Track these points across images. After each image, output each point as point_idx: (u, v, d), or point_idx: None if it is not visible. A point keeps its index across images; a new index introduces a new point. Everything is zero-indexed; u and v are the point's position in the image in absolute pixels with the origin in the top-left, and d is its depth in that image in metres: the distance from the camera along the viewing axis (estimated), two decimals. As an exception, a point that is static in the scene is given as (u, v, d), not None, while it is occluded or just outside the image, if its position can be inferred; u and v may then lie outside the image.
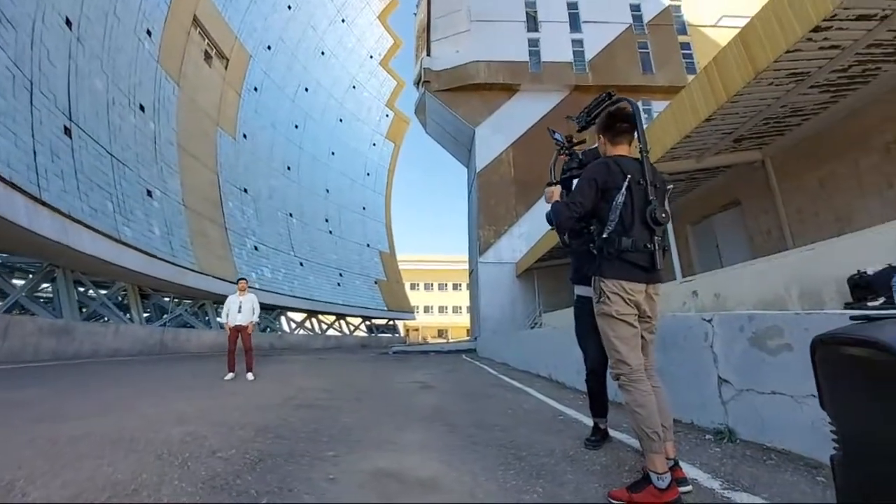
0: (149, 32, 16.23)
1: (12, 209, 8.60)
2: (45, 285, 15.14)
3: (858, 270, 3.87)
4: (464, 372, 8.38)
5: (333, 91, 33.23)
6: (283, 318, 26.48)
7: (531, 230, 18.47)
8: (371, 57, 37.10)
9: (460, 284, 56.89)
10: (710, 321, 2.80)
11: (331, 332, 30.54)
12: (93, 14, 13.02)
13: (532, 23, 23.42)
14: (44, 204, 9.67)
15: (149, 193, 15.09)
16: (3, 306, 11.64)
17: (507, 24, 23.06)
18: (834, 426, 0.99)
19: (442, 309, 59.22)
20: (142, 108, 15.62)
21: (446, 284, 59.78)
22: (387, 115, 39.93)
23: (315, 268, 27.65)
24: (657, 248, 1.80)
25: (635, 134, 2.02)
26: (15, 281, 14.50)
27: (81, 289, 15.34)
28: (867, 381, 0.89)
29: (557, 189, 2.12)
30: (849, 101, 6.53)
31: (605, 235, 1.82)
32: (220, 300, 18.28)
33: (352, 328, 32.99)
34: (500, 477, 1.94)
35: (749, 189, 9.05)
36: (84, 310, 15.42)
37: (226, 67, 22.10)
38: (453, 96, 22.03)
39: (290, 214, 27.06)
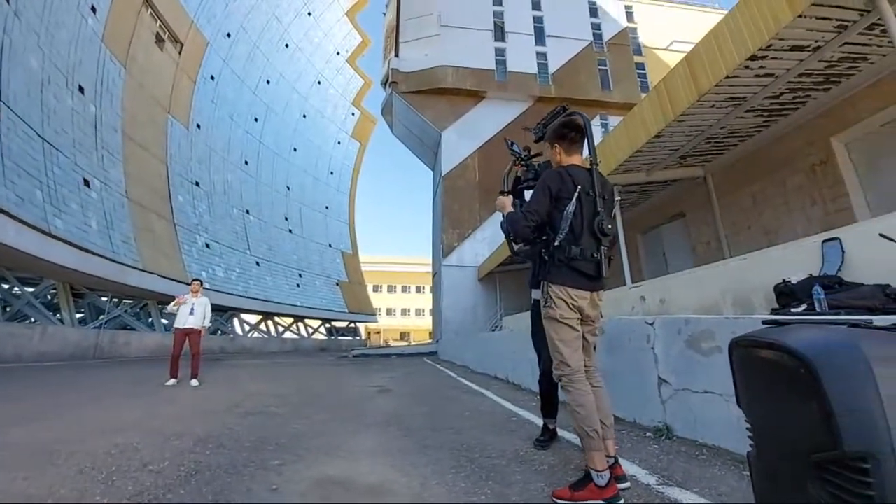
0: (93, 9, 14.98)
1: (-84, 194, 7.61)
2: (-44, 281, 13.48)
3: (784, 279, 4.25)
4: (423, 375, 8.34)
5: (297, 85, 32.20)
6: (235, 320, 25.21)
7: (494, 235, 18.79)
8: (338, 53, 36.35)
9: (424, 287, 56.76)
10: (652, 324, 2.97)
11: (288, 334, 29.42)
12: (30, -16, 11.86)
13: (499, 33, 23.96)
14: (-43, 190, 8.64)
15: (86, 183, 13.86)
16: None
17: (475, 33, 23.45)
18: (749, 423, 1.07)
19: (405, 311, 58.79)
20: (81, 89, 14.35)
21: (409, 287, 59.44)
22: (353, 114, 39.23)
23: (273, 268, 26.54)
24: (603, 257, 1.88)
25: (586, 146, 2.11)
26: (-82, 276, 12.82)
27: (6, 286, 13.82)
28: (773, 381, 0.97)
29: (509, 199, 2.17)
30: (780, 125, 7.20)
31: (556, 243, 1.87)
32: (165, 300, 17.09)
33: (311, 331, 31.95)
34: (451, 480, 1.94)
35: (693, 202, 9.72)
36: (7, 309, 13.92)
37: (180, 53, 20.80)
38: (421, 99, 22.05)
39: (247, 211, 25.85)
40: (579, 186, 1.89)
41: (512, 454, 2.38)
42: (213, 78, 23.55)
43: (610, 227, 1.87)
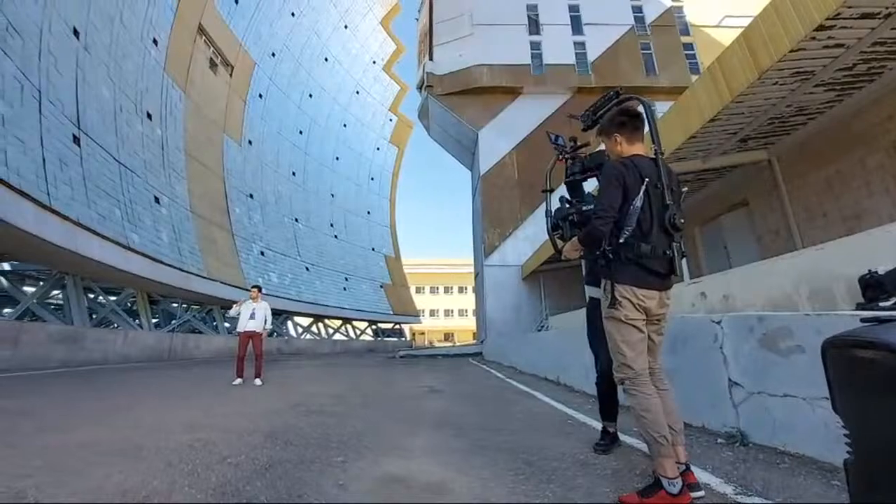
0: (155, 41, 16.47)
1: (21, 216, 8.74)
2: (55, 292, 15.31)
3: (869, 270, 3.81)
4: (471, 376, 8.35)
5: (338, 96, 33.48)
6: (289, 323, 26.58)
7: (536, 233, 18.42)
8: (374, 62, 37.36)
9: (466, 287, 56.86)
10: (719, 323, 2.77)
11: (337, 336, 30.60)
12: (99, 22, 13.23)
13: (534, 26, 23.48)
14: (52, 211, 9.81)
15: (156, 200, 15.26)
16: (13, 313, 11.81)
17: (509, 28, 23.14)
18: (847, 430, 0.98)
19: (448, 312, 59.19)
20: (149, 115, 15.83)
21: (452, 288, 59.78)
22: (390, 120, 40.14)
23: (321, 272, 27.76)
24: (676, 254, 1.77)
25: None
26: (26, 288, 14.69)
27: (91, 295, 15.52)
28: (877, 384, 0.88)
29: (574, 241, 2.07)
30: (854, 99, 6.47)
31: (621, 240, 1.78)
32: (227, 305, 18.40)
33: (358, 332, 33.05)
34: (510, 481, 1.93)
35: (757, 189, 8.97)
36: (94, 316, 15.58)
37: (231, 75, 22.36)
38: (456, 100, 22.11)
39: (296, 219, 27.22)
40: (647, 179, 1.78)
41: (572, 458, 2.32)
42: (261, 96, 25.06)
43: (682, 220, 1.76)
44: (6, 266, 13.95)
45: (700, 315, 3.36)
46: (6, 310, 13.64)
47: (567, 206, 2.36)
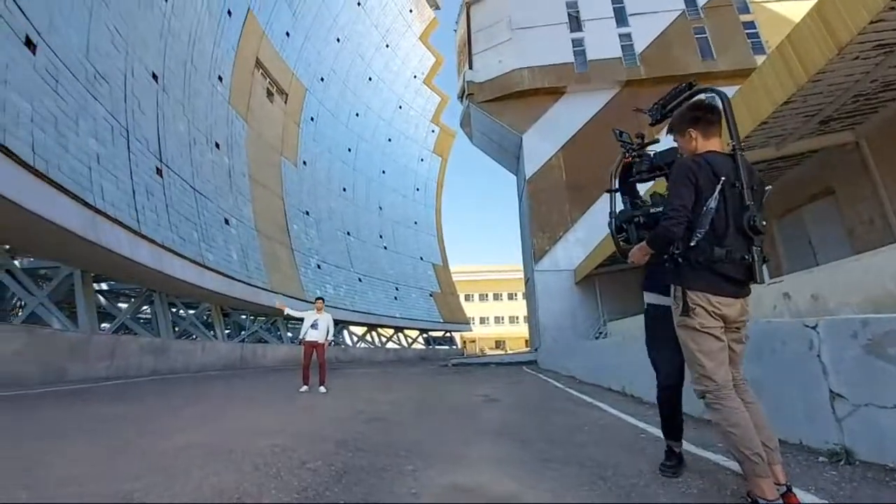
0: (220, 78, 18.16)
1: (117, 242, 9.93)
2: (144, 308, 17.19)
3: None
4: (527, 384, 8.17)
5: (382, 113, 34.78)
6: (345, 332, 27.69)
7: (588, 235, 17.75)
8: (415, 77, 38.41)
9: (516, 294, 55.94)
10: (814, 327, 2.49)
11: (390, 344, 31.36)
12: (173, 65, 14.85)
13: (575, 23, 22.94)
14: (142, 236, 11.07)
15: (226, 221, 16.69)
16: (111, 327, 13.40)
17: (548, 28, 22.80)
18: None
19: (498, 319, 58.50)
20: (217, 145, 17.42)
21: (501, 294, 59.09)
22: (433, 131, 40.92)
23: (373, 283, 28.71)
24: (756, 259, 1.63)
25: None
26: (121, 305, 16.64)
27: (174, 310, 17.22)
28: None
29: (642, 245, 1.95)
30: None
31: (692, 243, 1.67)
32: (289, 317, 19.55)
33: (410, 341, 33.64)
34: (585, 496, 1.86)
35: (843, 175, 8.01)
36: (177, 329, 17.23)
37: (285, 102, 24.06)
38: (498, 106, 22.08)
39: (348, 233, 28.46)
40: (722, 177, 1.66)
41: (650, 474, 2.18)
42: (312, 119, 26.68)
43: (764, 223, 1.62)
44: (104, 286, 15.92)
45: (788, 319, 3.04)
46: (104, 324, 15.55)
47: (632, 207, 2.25)
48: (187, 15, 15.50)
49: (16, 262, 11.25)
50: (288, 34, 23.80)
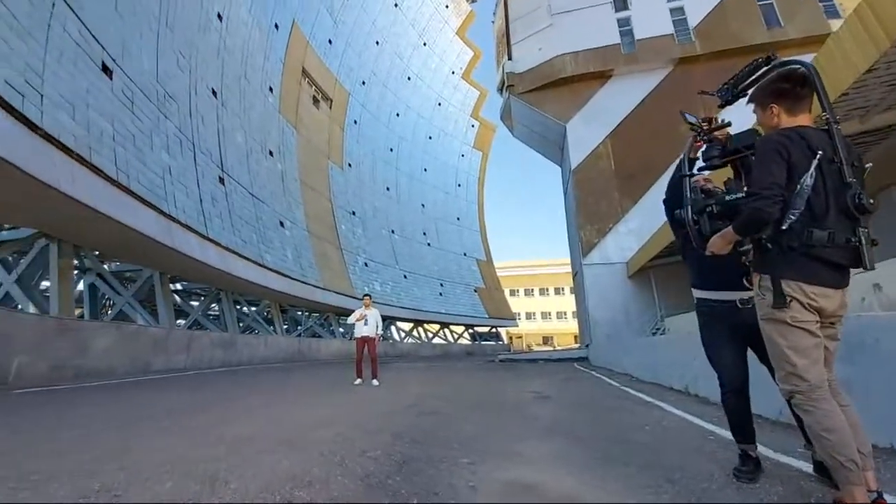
0: (270, 89, 19.24)
1: (189, 246, 10.88)
2: (213, 305, 18.73)
3: None
4: (580, 381, 7.94)
5: (422, 111, 35.14)
6: (393, 328, 28.45)
7: (642, 225, 16.81)
8: (453, 73, 38.37)
9: (563, 289, 54.49)
10: (920, 322, 2.19)
11: (436, 340, 31.80)
12: (230, 81, 15.93)
13: (620, 2, 21.72)
14: (209, 240, 12.04)
15: (281, 224, 17.73)
16: (186, 324, 14.72)
17: (591, 10, 21.78)
18: None
19: (545, 315, 57.31)
20: (270, 153, 18.51)
21: (547, 289, 57.80)
22: (472, 126, 40.71)
23: (418, 279, 29.23)
24: (864, 242, 1.45)
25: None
26: (192, 303, 18.22)
27: (238, 307, 18.59)
28: None
29: (726, 232, 1.75)
30: None
31: (784, 226, 1.52)
32: (341, 313, 20.47)
33: (456, 336, 33.90)
34: (652, 498, 1.77)
35: (948, 145, 6.95)
36: (241, 324, 18.57)
37: (330, 107, 25.03)
38: (539, 95, 21.48)
39: (393, 231, 29.15)
40: (819, 152, 1.50)
41: (723, 478, 2.04)
42: (355, 122, 27.54)
43: (871, 201, 1.44)
44: (179, 286, 17.50)
45: (881, 313, 2.69)
46: (180, 321, 17.14)
47: (703, 196, 2.09)
48: (239, 32, 16.55)
49: (105, 267, 12.66)
50: (330, 42, 24.70)
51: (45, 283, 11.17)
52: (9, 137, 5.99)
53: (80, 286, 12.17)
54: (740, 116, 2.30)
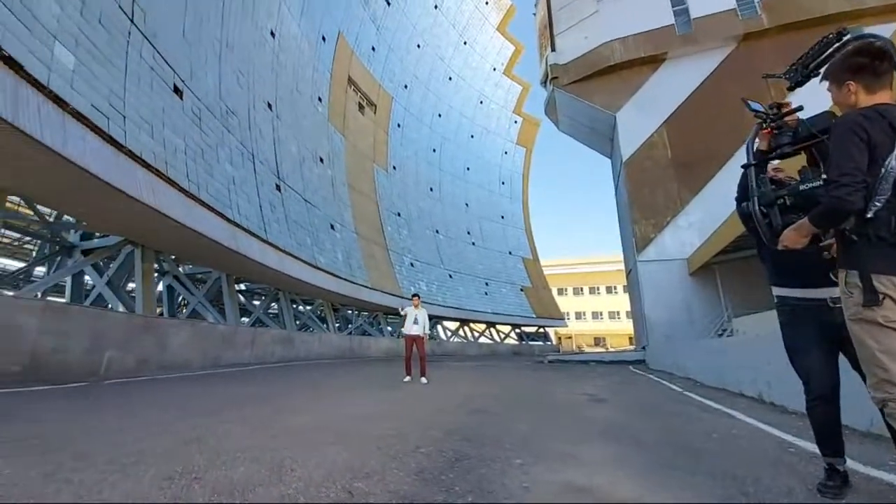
0: (320, 99, 20.19)
1: (251, 249, 11.70)
2: (272, 304, 20.01)
3: None
4: (637, 385, 7.54)
5: (463, 110, 35.17)
6: (439, 327, 28.75)
7: (704, 218, 15.61)
8: (494, 69, 37.99)
9: (615, 287, 52.13)
10: None
11: (482, 339, 31.69)
12: (283, 94, 16.91)
13: (674, -20, 20.32)
14: (269, 244, 12.87)
15: (332, 227, 18.56)
16: (249, 321, 15.84)
17: (641, -9, 20.57)
18: None
19: (596, 315, 55.06)
20: (321, 159, 19.43)
21: (598, 288, 55.50)
22: (515, 122, 40.08)
23: (463, 278, 29.30)
24: None
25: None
26: (255, 302, 19.59)
27: (295, 306, 19.71)
28: None
29: (802, 224, 1.59)
30: None
31: (869, 214, 1.36)
32: (389, 312, 21.04)
33: (502, 336, 33.56)
34: (727, 512, 1.63)
35: None
36: (297, 322, 19.67)
37: (375, 113, 25.79)
38: (586, 86, 20.65)
39: (437, 231, 29.45)
40: None
41: (804, 493, 1.84)
42: (399, 125, 28.15)
43: None
44: (242, 286, 18.89)
45: None
46: (244, 318, 18.48)
47: (773, 186, 1.90)
48: (290, 47, 17.52)
49: (180, 269, 13.97)
50: (373, 49, 25.43)
51: (130, 285, 12.56)
52: (99, 156, 6.78)
53: (160, 287, 13.53)
54: (811, 99, 2.09)
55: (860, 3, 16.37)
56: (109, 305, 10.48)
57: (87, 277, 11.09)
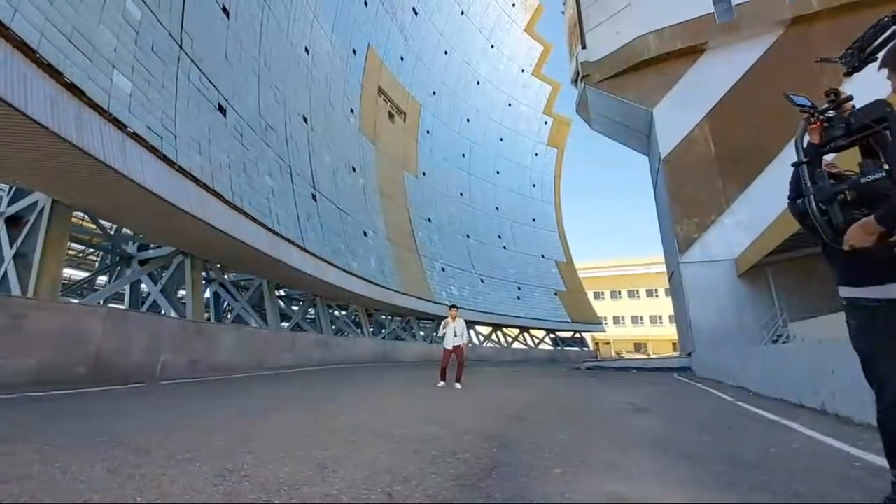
0: (352, 110, 20.81)
1: (290, 257, 12.18)
2: (310, 309, 20.71)
3: None
4: (683, 394, 7.16)
5: (492, 114, 35.10)
6: (472, 332, 28.64)
7: (753, 216, 14.63)
8: (522, 71, 37.70)
9: (656, 290, 49.92)
10: None
11: (516, 345, 31.22)
12: (317, 107, 17.56)
13: (712, -33, 19.38)
14: (306, 251, 13.34)
15: (365, 233, 19.00)
16: (289, 326, 16.44)
17: (677, -19, 19.75)
18: None
19: (636, 319, 52.84)
20: (353, 168, 19.98)
21: (637, 291, 53.30)
22: (545, 123, 39.49)
23: (495, 283, 29.06)
24: None
25: None
26: (293, 307, 20.33)
27: (331, 311, 20.29)
28: None
29: (867, 222, 1.49)
30: None
31: None
32: (421, 316, 21.20)
33: (536, 341, 32.93)
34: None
35: None
36: (333, 327, 20.22)
37: (404, 120, 26.26)
38: (619, 82, 20.03)
39: (468, 236, 29.43)
40: None
41: (879, 513, 1.66)
42: (428, 132, 28.48)
43: None
44: (282, 292, 19.67)
45: None
46: (284, 323, 19.25)
47: (831, 181, 1.76)
48: (323, 62, 18.20)
49: (225, 277, 14.76)
50: (402, 58, 25.95)
51: (181, 292, 13.41)
52: (155, 173, 7.32)
53: (207, 294, 14.34)
54: (868, 87, 1.93)
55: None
56: (163, 311, 11.22)
57: (143, 286, 11.95)
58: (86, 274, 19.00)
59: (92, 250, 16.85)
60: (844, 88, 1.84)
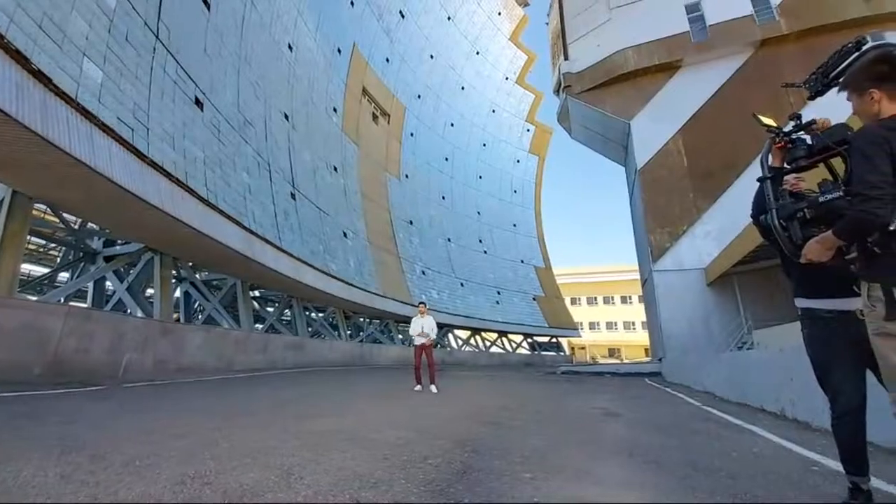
0: (334, 109, 20.58)
1: (265, 256, 11.88)
2: (286, 311, 20.24)
3: None
4: (653, 399, 7.35)
5: (475, 119, 35.40)
6: (450, 336, 28.64)
7: (722, 227, 15.26)
8: (507, 78, 38.22)
9: (630, 297, 51.19)
10: None
11: (494, 349, 31.40)
12: (299, 105, 17.28)
13: (688, -12, 20.23)
14: (283, 251, 13.05)
15: (344, 235, 18.75)
16: (263, 327, 16.03)
17: (655, 0, 20.52)
18: None
19: (610, 325, 54.07)
20: (335, 168, 19.73)
21: (612, 298, 54.56)
22: (528, 130, 40.12)
23: (474, 287, 29.18)
24: None
25: None
26: (268, 309, 19.82)
27: (307, 313, 19.88)
28: None
29: (826, 237, 1.57)
30: None
31: (892, 227, 1.34)
32: (400, 320, 21.06)
33: (514, 345, 33.21)
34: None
35: None
36: (310, 329, 19.82)
37: (388, 122, 26.15)
38: (599, 94, 20.59)
39: (448, 239, 29.48)
40: None
41: (832, 515, 1.75)
42: (412, 135, 28.46)
43: None
44: (256, 293, 19.17)
45: None
46: (257, 325, 18.74)
47: (791, 199, 1.86)
48: (306, 60, 17.95)
49: (197, 276, 14.26)
50: (387, 60, 25.88)
51: (149, 291, 12.86)
52: (124, 166, 7.02)
53: (177, 293, 13.82)
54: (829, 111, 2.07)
55: (880, 7, 16.01)
56: (129, 311, 10.75)
57: (108, 283, 11.41)
58: (46, 270, 18.00)
59: (54, 245, 16.00)
60: (807, 112, 1.96)
